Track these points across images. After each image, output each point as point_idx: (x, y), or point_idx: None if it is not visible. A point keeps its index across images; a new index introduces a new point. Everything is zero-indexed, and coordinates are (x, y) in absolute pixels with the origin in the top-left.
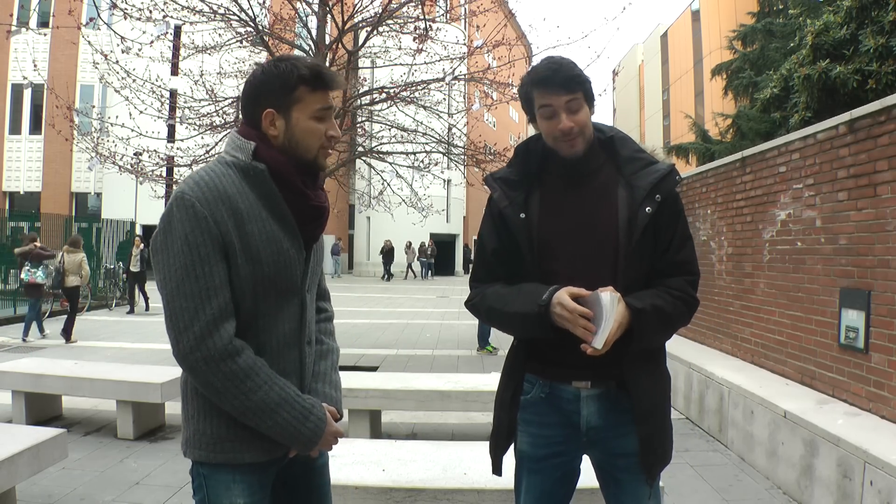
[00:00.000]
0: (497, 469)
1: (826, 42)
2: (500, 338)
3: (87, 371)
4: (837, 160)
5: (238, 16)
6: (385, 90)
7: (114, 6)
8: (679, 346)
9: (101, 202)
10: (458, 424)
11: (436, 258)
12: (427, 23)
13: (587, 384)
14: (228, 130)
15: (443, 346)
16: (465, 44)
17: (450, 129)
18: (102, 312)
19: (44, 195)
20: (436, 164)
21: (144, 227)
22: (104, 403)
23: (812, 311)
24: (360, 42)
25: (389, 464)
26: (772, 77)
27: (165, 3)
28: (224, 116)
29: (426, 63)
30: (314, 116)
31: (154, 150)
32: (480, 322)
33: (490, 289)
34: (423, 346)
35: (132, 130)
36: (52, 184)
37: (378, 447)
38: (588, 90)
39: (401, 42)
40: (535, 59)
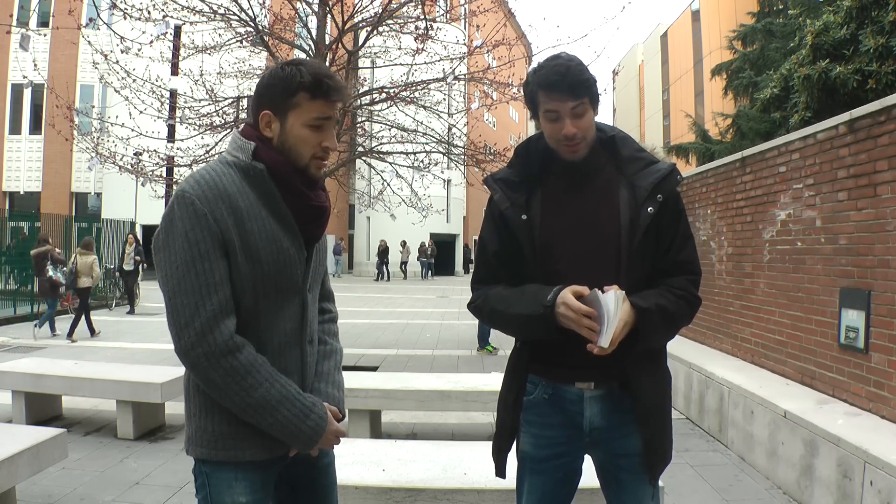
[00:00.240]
0: (501, 471)
1: (826, 42)
2: (500, 338)
3: (87, 371)
4: (837, 160)
5: (238, 16)
6: (385, 90)
7: (114, 6)
8: (679, 346)
9: (101, 202)
10: (458, 424)
11: (436, 258)
12: (427, 23)
13: (590, 385)
14: (228, 130)
15: (443, 346)
16: (465, 44)
17: (450, 129)
18: (102, 312)
19: (44, 195)
20: (436, 164)
21: (144, 227)
22: (104, 403)
23: (812, 311)
24: (360, 42)
25: (389, 464)
26: (772, 77)
27: (165, 4)
28: (224, 116)
29: (426, 63)
30: (309, 125)
31: (154, 150)
32: (481, 323)
33: (492, 290)
34: (423, 346)
35: (132, 130)
36: (52, 184)
37: (378, 447)
38: (594, 94)
39: (401, 42)
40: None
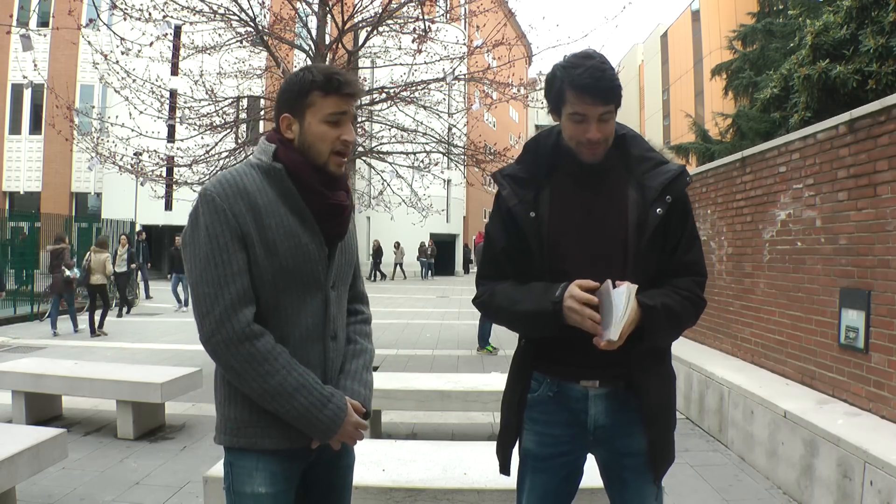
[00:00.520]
0: (506, 469)
1: (826, 42)
2: (501, 338)
3: (87, 371)
4: (837, 160)
5: (238, 16)
6: (385, 90)
7: (114, 7)
8: (679, 346)
9: (101, 202)
10: (458, 424)
11: (436, 258)
12: (427, 23)
13: (595, 383)
14: (228, 130)
15: (443, 346)
16: (465, 44)
17: (450, 129)
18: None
19: (44, 195)
20: (436, 164)
21: (144, 227)
22: (104, 403)
23: (812, 311)
24: (360, 42)
25: (389, 464)
26: (772, 77)
27: (165, 4)
28: (224, 116)
29: (426, 63)
30: (326, 121)
31: (154, 150)
32: (482, 321)
33: (499, 287)
34: (423, 346)
35: (132, 130)
36: (52, 184)
37: (378, 447)
38: (620, 99)
39: (401, 42)
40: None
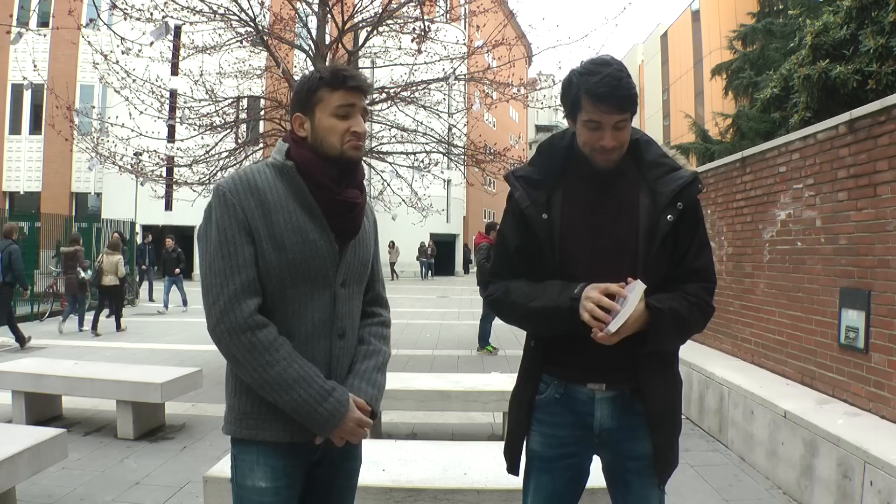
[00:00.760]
0: (514, 468)
1: (826, 42)
2: (501, 338)
3: (87, 371)
4: (837, 160)
5: (238, 16)
6: (385, 90)
7: (114, 7)
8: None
9: (101, 202)
10: (458, 424)
11: (436, 258)
12: (427, 23)
13: (602, 386)
14: (228, 130)
15: (443, 346)
16: (465, 44)
17: (450, 129)
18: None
19: (44, 195)
20: (436, 164)
21: (144, 227)
22: (104, 403)
23: (812, 311)
24: (360, 42)
25: (389, 464)
26: (772, 77)
27: (166, 4)
28: (224, 116)
29: (426, 63)
30: (335, 114)
31: (154, 150)
32: (482, 321)
33: (513, 284)
34: (423, 346)
35: (132, 130)
36: (52, 184)
37: (378, 447)
38: (636, 107)
39: (401, 42)
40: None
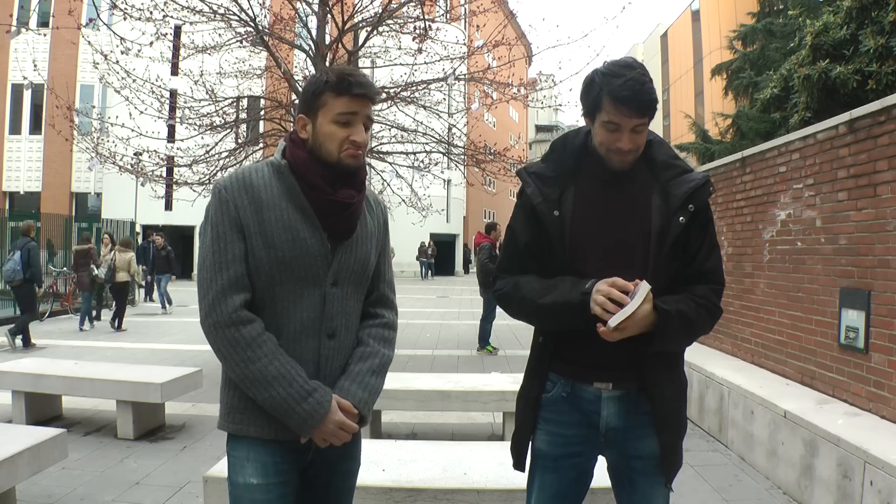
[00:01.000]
0: (520, 465)
1: (826, 42)
2: (501, 338)
3: (87, 371)
4: (837, 160)
5: (238, 16)
6: (385, 90)
7: (114, 6)
8: None
9: (101, 202)
10: (458, 424)
11: (436, 258)
12: (427, 23)
13: (608, 385)
14: (228, 130)
15: (443, 346)
16: (465, 44)
17: (450, 129)
18: (102, 312)
19: (44, 195)
20: (436, 164)
21: (144, 227)
22: (104, 403)
23: (812, 311)
24: (360, 42)
25: (389, 464)
26: (772, 77)
27: (166, 4)
28: (224, 116)
29: (426, 63)
30: (336, 121)
31: (154, 150)
32: (482, 321)
33: (523, 279)
34: (423, 346)
35: (132, 130)
36: (52, 184)
37: (378, 447)
38: (655, 110)
39: (401, 42)
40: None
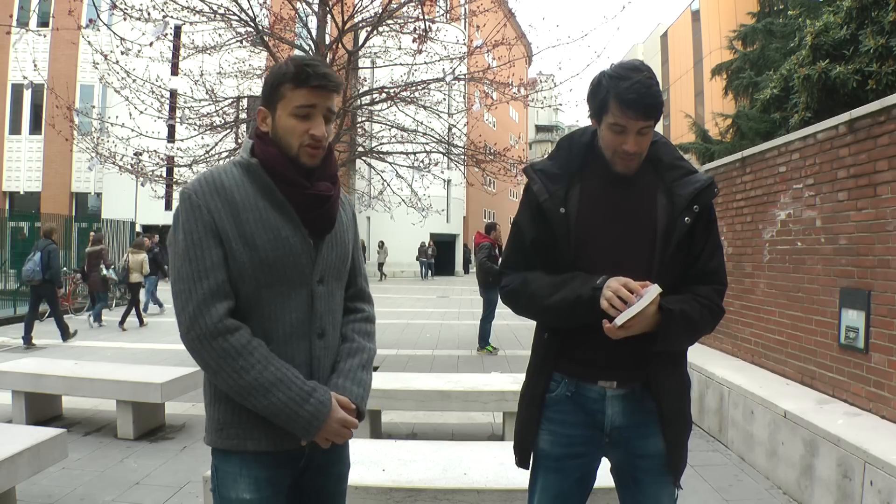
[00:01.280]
0: (524, 462)
1: (826, 42)
2: (501, 338)
3: (87, 371)
4: (837, 160)
5: (238, 16)
6: (385, 90)
7: (114, 7)
8: None
9: (101, 202)
10: (458, 424)
11: (436, 258)
12: (427, 23)
13: (613, 384)
14: (228, 130)
15: (443, 346)
16: (465, 44)
17: (450, 129)
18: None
19: (44, 195)
20: (436, 164)
21: (144, 227)
22: (104, 403)
23: (812, 311)
24: (360, 42)
25: (389, 464)
26: (772, 77)
27: (165, 4)
28: (224, 116)
29: (426, 63)
30: (294, 114)
31: (154, 150)
32: (482, 321)
33: (531, 275)
34: (423, 346)
35: (132, 130)
36: (52, 184)
37: (378, 447)
38: (661, 114)
39: (401, 42)
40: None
